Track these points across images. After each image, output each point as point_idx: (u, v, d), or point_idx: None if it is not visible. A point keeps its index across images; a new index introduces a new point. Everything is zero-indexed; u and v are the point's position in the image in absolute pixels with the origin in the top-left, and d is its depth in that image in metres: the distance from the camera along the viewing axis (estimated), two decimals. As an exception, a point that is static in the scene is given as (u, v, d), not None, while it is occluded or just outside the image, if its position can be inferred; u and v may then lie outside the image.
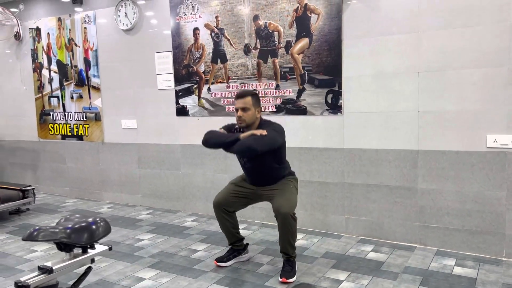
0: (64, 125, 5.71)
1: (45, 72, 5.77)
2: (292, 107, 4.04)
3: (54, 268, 1.47)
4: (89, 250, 1.64)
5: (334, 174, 3.91)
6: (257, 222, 4.33)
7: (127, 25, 4.90)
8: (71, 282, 1.67)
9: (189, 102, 4.63)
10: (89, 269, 1.66)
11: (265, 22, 4.08)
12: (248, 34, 4.18)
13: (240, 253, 3.34)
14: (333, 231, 3.97)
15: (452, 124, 3.37)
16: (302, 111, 3.99)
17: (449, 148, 3.40)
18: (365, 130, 3.73)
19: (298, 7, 3.90)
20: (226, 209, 3.18)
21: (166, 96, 4.77)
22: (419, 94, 3.47)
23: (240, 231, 3.36)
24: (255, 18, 4.12)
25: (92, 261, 1.69)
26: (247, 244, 3.43)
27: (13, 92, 6.16)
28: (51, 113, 5.80)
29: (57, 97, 5.71)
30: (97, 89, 5.32)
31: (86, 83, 5.40)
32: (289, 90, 4.04)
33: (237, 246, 3.33)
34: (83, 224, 1.56)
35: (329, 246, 3.63)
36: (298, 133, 4.03)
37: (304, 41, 3.91)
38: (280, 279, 2.95)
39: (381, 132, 3.66)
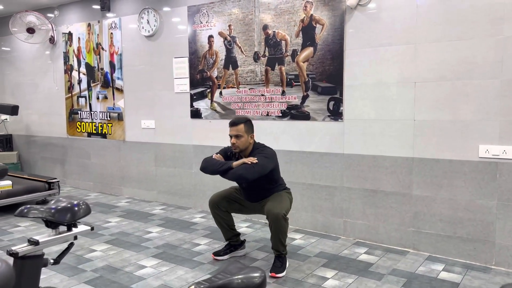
0: (90, 124, 6.11)
1: (75, 73, 6.21)
2: (297, 113, 4.23)
3: (40, 241, 1.75)
4: (73, 229, 1.91)
5: (334, 178, 4.07)
6: (260, 221, 4.54)
7: (148, 31, 5.23)
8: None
9: (202, 105, 4.90)
10: (71, 245, 1.93)
11: (274, 31, 4.29)
12: (258, 42, 4.41)
13: (237, 248, 3.56)
14: (331, 233, 4.13)
15: (446, 134, 3.47)
16: (306, 116, 4.17)
17: (443, 157, 3.50)
18: (364, 136, 3.87)
19: (304, 17, 4.09)
20: (219, 207, 3.40)
21: (181, 99, 5.07)
22: (415, 104, 3.59)
23: (243, 229, 3.59)
24: (265, 27, 4.35)
25: (75, 238, 1.96)
26: (244, 240, 3.65)
27: (47, 92, 6.64)
28: (79, 112, 6.23)
29: (85, 97, 6.13)
30: (120, 90, 5.69)
31: (111, 85, 5.78)
32: (294, 96, 4.23)
33: (233, 241, 3.55)
34: (67, 205, 1.83)
35: (324, 247, 3.79)
36: (301, 137, 4.22)
37: (309, 50, 4.10)
38: (269, 274, 3.15)
39: (378, 139, 3.80)
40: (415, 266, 3.36)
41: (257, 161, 3.10)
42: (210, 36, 4.75)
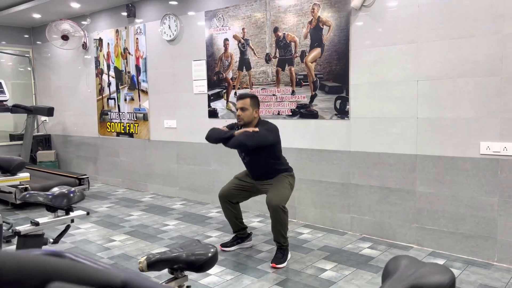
0: (119, 124, 6.50)
1: (105, 77, 6.61)
2: (305, 112, 4.37)
3: (40, 222, 2.01)
4: (70, 213, 2.16)
5: (341, 175, 4.18)
6: (273, 216, 4.70)
7: (170, 36, 5.53)
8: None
9: (219, 105, 5.13)
10: (68, 227, 2.18)
11: (284, 33, 4.46)
12: (269, 44, 4.59)
13: (243, 241, 3.76)
14: (339, 228, 4.24)
15: (448, 131, 3.52)
16: (314, 115, 4.31)
17: (445, 154, 3.55)
18: (369, 134, 3.96)
19: (312, 19, 4.23)
20: (229, 200, 3.61)
21: (200, 99, 5.32)
22: (418, 101, 3.65)
23: (255, 223, 3.77)
24: (275, 29, 4.52)
25: (72, 221, 2.21)
26: (251, 233, 3.84)
27: (81, 94, 7.10)
28: (109, 113, 6.63)
29: (114, 99, 6.52)
30: (145, 92, 6.03)
31: (137, 87, 6.13)
32: (303, 96, 4.38)
33: (240, 234, 3.75)
34: (63, 192, 2.08)
35: (330, 241, 3.92)
36: (310, 135, 4.36)
37: (317, 51, 4.24)
38: (270, 264, 3.32)
39: (383, 136, 3.88)
40: (415, 260, 3.42)
41: (258, 130, 3.28)
42: (226, 39, 4.97)
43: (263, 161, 3.46)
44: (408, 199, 3.78)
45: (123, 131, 6.45)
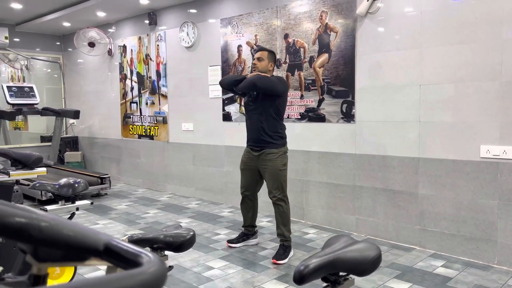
0: (140, 126, 6.80)
1: (128, 82, 6.94)
2: (313, 115, 4.51)
3: (48, 209, 2.23)
4: (77, 202, 2.38)
5: (347, 177, 4.29)
6: (282, 217, 4.85)
7: (188, 42, 5.78)
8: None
9: (232, 109, 5.33)
10: (73, 214, 2.40)
11: (293, 40, 4.62)
12: (280, 50, 4.76)
13: (249, 238, 3.92)
14: (345, 229, 4.34)
15: (449, 134, 3.58)
16: (322, 119, 4.44)
17: (446, 157, 3.61)
18: (374, 137, 4.06)
19: (320, 26, 4.37)
20: (251, 195, 3.77)
21: (215, 103, 5.53)
22: (420, 105, 3.73)
23: (264, 223, 3.92)
24: (286, 36, 4.68)
25: (77, 209, 2.43)
26: (257, 231, 3.99)
27: (106, 98, 7.46)
28: (131, 116, 6.95)
29: (136, 103, 6.83)
30: (165, 96, 6.30)
31: (157, 91, 6.42)
32: (311, 100, 4.52)
33: (248, 230, 3.91)
34: (68, 182, 2.30)
35: (334, 241, 4.02)
36: (318, 138, 4.48)
37: (324, 56, 4.37)
38: (272, 260, 3.47)
39: (387, 139, 3.97)
40: (415, 261, 3.50)
41: (269, 76, 3.48)
42: (239, 46, 5.17)
43: (266, 112, 3.51)
44: (411, 201, 3.84)
45: (144, 134, 6.75)
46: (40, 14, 6.92)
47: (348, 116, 4.23)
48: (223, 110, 5.44)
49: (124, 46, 6.93)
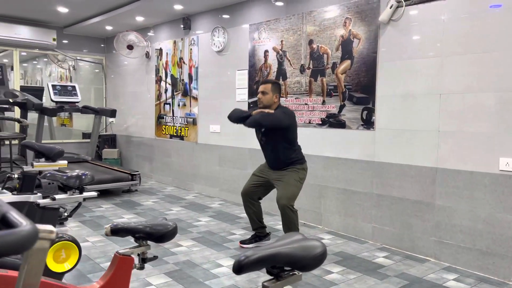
0: (172, 127, 7.04)
1: (162, 84, 7.21)
2: (334, 121, 4.52)
3: (56, 198, 2.41)
4: (84, 193, 2.54)
5: (365, 185, 4.26)
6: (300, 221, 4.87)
7: (218, 47, 5.95)
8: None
9: (257, 112, 5.42)
10: (79, 204, 2.57)
11: (318, 46, 4.65)
12: (304, 56, 4.81)
13: (262, 239, 3.98)
14: (361, 237, 4.31)
15: (467, 145, 3.49)
16: (342, 125, 4.44)
17: (464, 168, 3.52)
18: (393, 145, 4.02)
19: (344, 32, 4.39)
20: (250, 198, 3.85)
21: (240, 106, 5.63)
22: (440, 115, 3.66)
23: (276, 225, 3.97)
24: (310, 42, 4.73)
25: (84, 200, 2.60)
26: (269, 233, 4.05)
27: (142, 99, 7.79)
28: (164, 116, 7.21)
29: (169, 104, 7.08)
30: (195, 99, 6.50)
31: (189, 94, 6.63)
32: (332, 106, 4.53)
33: (259, 232, 3.98)
34: (75, 174, 2.46)
35: (347, 248, 4.01)
36: (337, 145, 4.49)
37: (347, 63, 4.38)
38: (280, 262, 3.52)
39: (405, 148, 3.92)
40: (426, 273, 3.43)
41: (273, 112, 3.56)
42: (266, 51, 5.26)
43: (278, 144, 3.64)
44: (427, 211, 3.77)
45: (175, 134, 6.98)
46: (84, 17, 7.34)
47: (368, 123, 4.21)
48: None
49: (161, 50, 7.21)
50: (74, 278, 3.11)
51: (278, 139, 3.65)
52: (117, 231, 1.59)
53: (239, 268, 1.06)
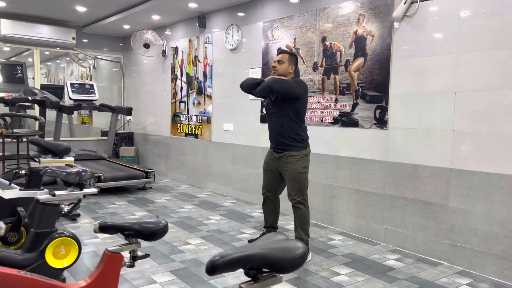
0: (187, 125, 7.06)
1: (178, 82, 7.24)
2: (347, 120, 4.43)
3: (56, 194, 2.41)
4: (84, 190, 2.54)
5: (377, 185, 4.16)
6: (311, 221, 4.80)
7: (232, 45, 5.92)
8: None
9: (270, 111, 5.37)
10: (79, 200, 2.57)
11: (331, 43, 4.57)
12: (317, 53, 4.73)
13: (270, 239, 3.93)
14: (373, 238, 4.21)
15: (483, 145, 3.36)
16: (355, 123, 4.35)
17: (480, 169, 3.39)
18: (406, 145, 3.91)
19: (357, 29, 4.29)
20: (272, 197, 3.77)
21: (253, 105, 5.61)
22: (455, 114, 3.53)
23: (288, 226, 3.92)
24: (323, 39, 4.65)
25: (84, 196, 2.60)
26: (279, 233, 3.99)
27: (159, 97, 7.84)
28: (180, 115, 7.23)
29: (184, 102, 7.10)
30: (210, 97, 6.49)
31: (203, 92, 6.63)
32: (345, 104, 4.44)
33: (269, 231, 3.92)
34: (75, 170, 2.47)
35: (357, 249, 3.92)
36: (350, 144, 4.40)
37: (360, 60, 4.28)
38: (287, 262, 3.46)
39: (419, 148, 3.80)
40: (438, 277, 3.32)
41: (286, 79, 3.46)
42: (279, 48, 5.20)
43: (286, 114, 3.51)
44: (441, 213, 3.65)
45: (190, 132, 7.00)
46: (102, 16, 7.43)
47: (381, 122, 4.11)
48: (261, 112, 5.49)
49: (176, 48, 7.24)
50: (84, 274, 3.14)
51: (286, 109, 3.51)
52: (106, 228, 1.57)
53: (212, 268, 1.02)
